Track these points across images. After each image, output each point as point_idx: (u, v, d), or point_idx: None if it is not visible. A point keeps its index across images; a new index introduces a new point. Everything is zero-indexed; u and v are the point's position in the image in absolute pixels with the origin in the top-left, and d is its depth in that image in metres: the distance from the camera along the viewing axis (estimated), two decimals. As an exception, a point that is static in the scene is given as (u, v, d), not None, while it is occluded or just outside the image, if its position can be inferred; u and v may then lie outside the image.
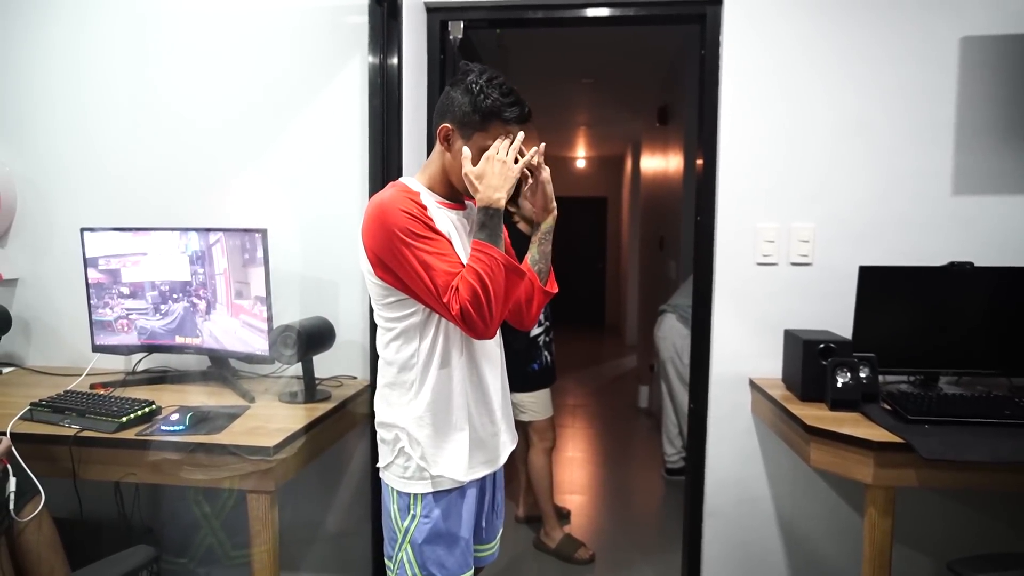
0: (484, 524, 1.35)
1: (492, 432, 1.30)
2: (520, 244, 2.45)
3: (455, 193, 1.26)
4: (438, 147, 1.23)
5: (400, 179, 1.27)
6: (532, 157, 1.20)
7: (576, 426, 4.25)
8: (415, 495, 1.22)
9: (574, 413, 4.55)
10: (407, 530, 1.23)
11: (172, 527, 2.01)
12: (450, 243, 1.17)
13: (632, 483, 3.29)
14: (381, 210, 1.14)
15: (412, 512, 1.23)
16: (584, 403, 4.83)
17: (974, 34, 1.80)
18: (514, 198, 2.60)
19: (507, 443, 1.35)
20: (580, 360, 6.24)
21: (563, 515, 2.79)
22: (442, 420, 1.22)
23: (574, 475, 3.38)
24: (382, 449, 1.27)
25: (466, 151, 1.17)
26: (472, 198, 1.20)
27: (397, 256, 1.12)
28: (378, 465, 1.28)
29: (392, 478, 1.25)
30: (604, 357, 6.54)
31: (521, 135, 1.19)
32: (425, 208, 1.17)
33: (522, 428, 2.54)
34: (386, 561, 1.28)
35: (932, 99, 1.83)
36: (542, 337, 2.44)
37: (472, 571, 1.28)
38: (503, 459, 1.35)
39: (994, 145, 1.81)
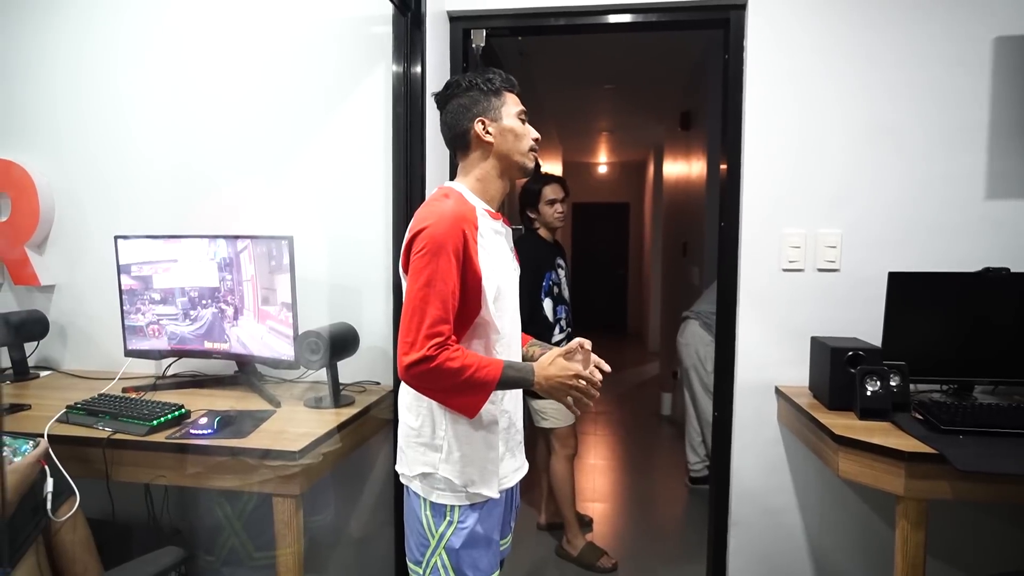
0: (511, 522, 1.38)
1: (518, 441, 1.33)
2: (538, 251, 2.47)
3: (500, 194, 1.30)
4: (479, 148, 1.27)
5: (452, 185, 1.28)
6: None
7: (598, 433, 4.22)
8: (452, 505, 1.23)
9: (596, 420, 4.52)
10: (443, 535, 1.22)
11: (199, 528, 2.05)
12: (479, 277, 1.17)
13: (655, 491, 3.25)
14: (438, 217, 1.14)
15: (449, 518, 1.22)
16: (606, 410, 4.80)
17: (1008, 34, 1.75)
18: (535, 204, 2.60)
19: (523, 446, 1.39)
20: (602, 366, 6.18)
21: (585, 523, 2.77)
22: (478, 438, 1.23)
23: (596, 483, 3.35)
24: (410, 457, 1.26)
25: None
26: (526, 174, 1.30)
27: (420, 262, 1.13)
28: (406, 473, 1.27)
29: (424, 488, 1.24)
30: (626, 364, 6.50)
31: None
32: (477, 228, 1.18)
33: (544, 435, 2.54)
34: (412, 566, 1.27)
35: (964, 101, 1.79)
36: (564, 344, 2.43)
37: (500, 569, 1.29)
38: (527, 464, 1.38)
39: (1030, 148, 1.76)
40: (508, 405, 1.29)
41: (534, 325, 2.36)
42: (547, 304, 2.39)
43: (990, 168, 1.79)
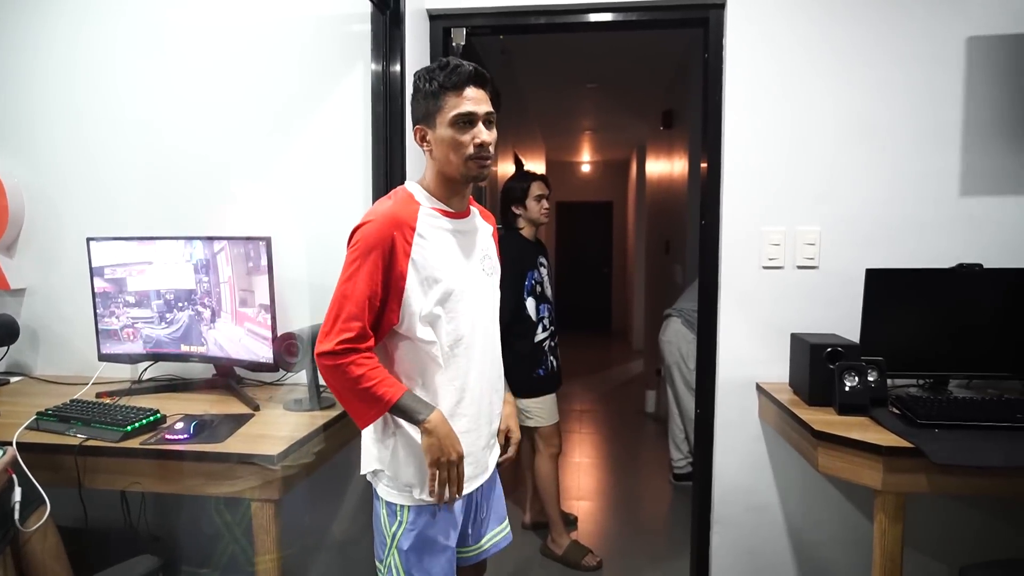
0: (469, 531, 1.36)
1: (481, 446, 1.31)
2: (520, 250, 2.47)
3: (455, 192, 1.26)
4: (426, 154, 1.26)
5: (405, 184, 1.28)
6: None
7: (583, 431, 4.23)
8: (401, 505, 1.24)
9: (581, 418, 4.52)
10: (394, 535, 1.24)
11: (191, 536, 2.01)
12: (402, 287, 1.17)
13: (639, 489, 3.26)
14: (373, 217, 1.18)
15: (399, 518, 1.24)
16: (591, 408, 4.81)
17: (980, 34, 1.78)
18: (523, 200, 2.62)
19: (496, 453, 1.39)
20: (587, 365, 6.21)
21: (570, 521, 2.77)
22: (412, 443, 1.22)
23: (581, 481, 3.36)
24: (366, 452, 1.28)
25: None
26: (477, 181, 1.24)
27: (350, 256, 1.16)
28: (364, 470, 1.29)
29: (379, 485, 1.27)
30: (611, 362, 6.51)
31: None
32: (414, 229, 1.18)
33: (528, 434, 2.53)
34: (377, 563, 1.29)
35: (938, 100, 1.81)
36: (547, 342, 2.43)
37: None
38: (491, 469, 1.37)
39: (1002, 145, 1.80)
40: (469, 408, 1.26)
41: (517, 324, 2.36)
42: (530, 303, 2.39)
43: (964, 166, 1.82)
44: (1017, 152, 1.79)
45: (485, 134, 1.19)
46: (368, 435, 1.27)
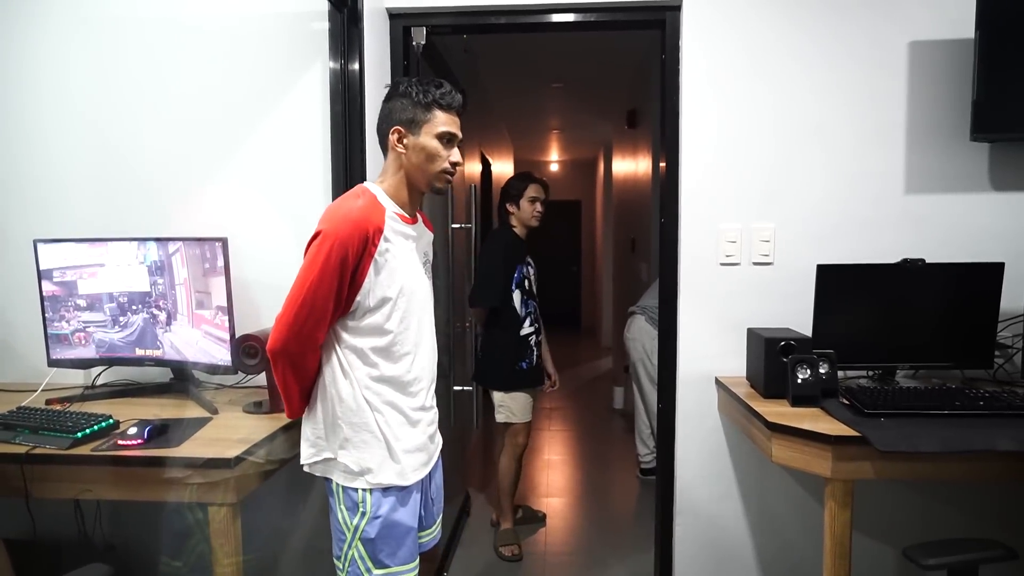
0: (423, 513, 1.40)
1: (430, 433, 1.37)
2: (512, 244, 2.55)
3: (411, 199, 1.32)
4: (392, 154, 1.30)
5: (367, 186, 1.30)
6: None
7: (553, 429, 4.26)
8: (363, 491, 1.25)
9: (551, 416, 4.56)
10: (356, 527, 1.25)
11: (150, 542, 1.95)
12: (359, 285, 1.21)
13: (608, 484, 3.31)
14: (345, 214, 1.19)
15: (361, 508, 1.25)
16: (561, 406, 4.85)
17: (921, 39, 1.86)
18: (517, 199, 2.71)
19: (439, 441, 1.44)
20: (557, 362, 6.24)
21: (539, 518, 2.80)
22: (373, 424, 1.26)
23: (551, 478, 3.38)
24: (314, 446, 1.30)
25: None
26: (437, 193, 1.32)
27: (317, 251, 1.17)
28: (305, 462, 1.31)
29: (334, 474, 1.28)
30: (580, 359, 6.57)
31: None
32: (381, 232, 1.21)
33: (499, 428, 2.56)
34: (335, 561, 1.29)
35: (884, 102, 1.88)
36: (533, 337, 2.48)
37: (418, 559, 1.32)
38: (437, 455, 1.43)
39: (942, 146, 1.87)
40: (426, 401, 1.34)
41: (503, 314, 2.42)
42: (516, 296, 2.45)
43: (908, 165, 1.89)
44: (955, 152, 1.87)
45: (458, 156, 1.31)
46: (312, 424, 1.30)
